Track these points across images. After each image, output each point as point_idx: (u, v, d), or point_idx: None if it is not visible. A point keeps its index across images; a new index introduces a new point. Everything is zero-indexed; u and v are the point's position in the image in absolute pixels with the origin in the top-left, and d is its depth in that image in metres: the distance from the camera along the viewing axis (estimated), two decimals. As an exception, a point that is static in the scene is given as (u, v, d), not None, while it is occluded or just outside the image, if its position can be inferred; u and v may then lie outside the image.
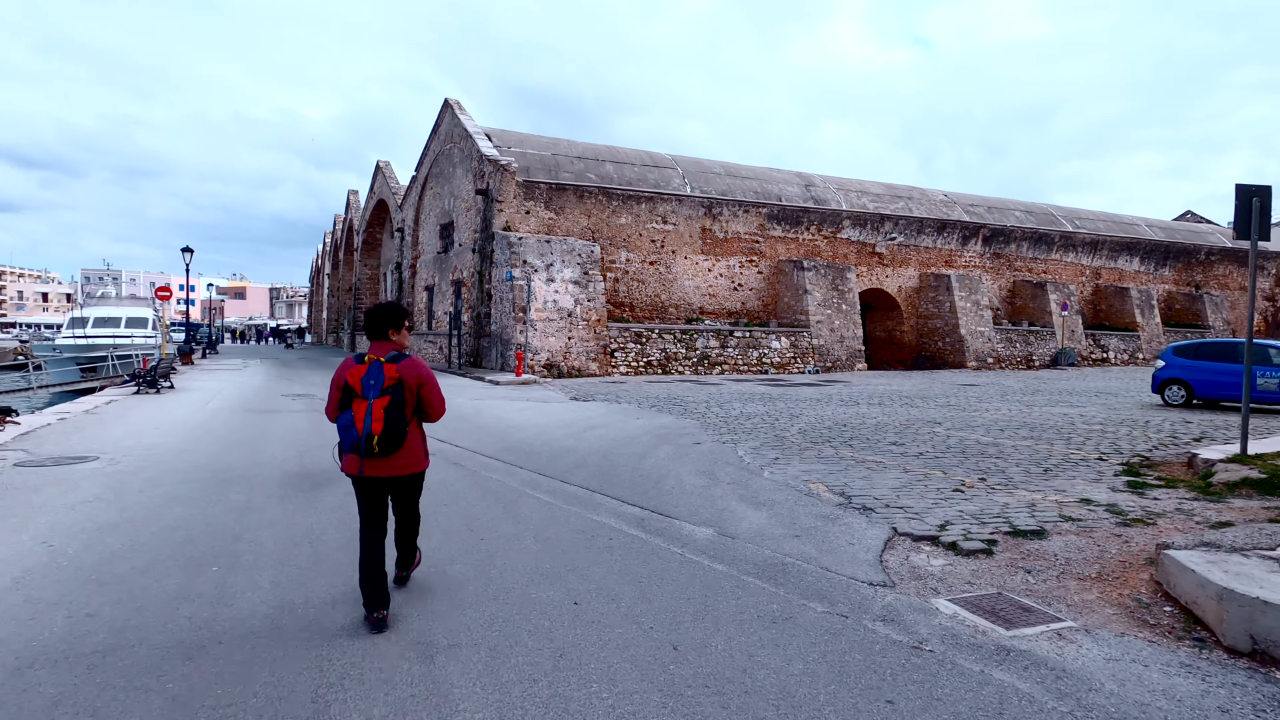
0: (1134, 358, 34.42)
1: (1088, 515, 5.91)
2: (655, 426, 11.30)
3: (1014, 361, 30.81)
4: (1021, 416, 12.98)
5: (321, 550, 4.93)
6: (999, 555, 4.95)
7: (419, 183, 32.58)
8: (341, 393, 3.70)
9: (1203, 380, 15.03)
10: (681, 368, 23.97)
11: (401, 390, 3.70)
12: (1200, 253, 40.51)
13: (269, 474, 7.42)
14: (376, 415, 3.60)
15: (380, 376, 3.66)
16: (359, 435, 3.60)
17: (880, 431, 10.84)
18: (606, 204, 25.28)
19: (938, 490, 6.87)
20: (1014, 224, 34.15)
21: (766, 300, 28.01)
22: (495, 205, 23.53)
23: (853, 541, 5.24)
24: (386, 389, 3.65)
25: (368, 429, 3.59)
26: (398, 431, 3.65)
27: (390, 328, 3.88)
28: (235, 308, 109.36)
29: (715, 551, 4.98)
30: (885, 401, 15.58)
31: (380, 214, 42.04)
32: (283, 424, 11.20)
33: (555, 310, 22.29)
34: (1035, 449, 9.30)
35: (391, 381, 3.68)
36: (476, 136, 25.53)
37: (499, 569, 4.61)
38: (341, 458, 3.77)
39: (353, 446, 3.63)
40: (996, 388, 19.90)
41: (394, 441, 3.64)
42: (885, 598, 4.15)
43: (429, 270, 31.87)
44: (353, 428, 3.61)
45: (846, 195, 30.58)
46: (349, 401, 3.67)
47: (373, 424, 3.59)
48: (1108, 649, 3.54)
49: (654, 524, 5.69)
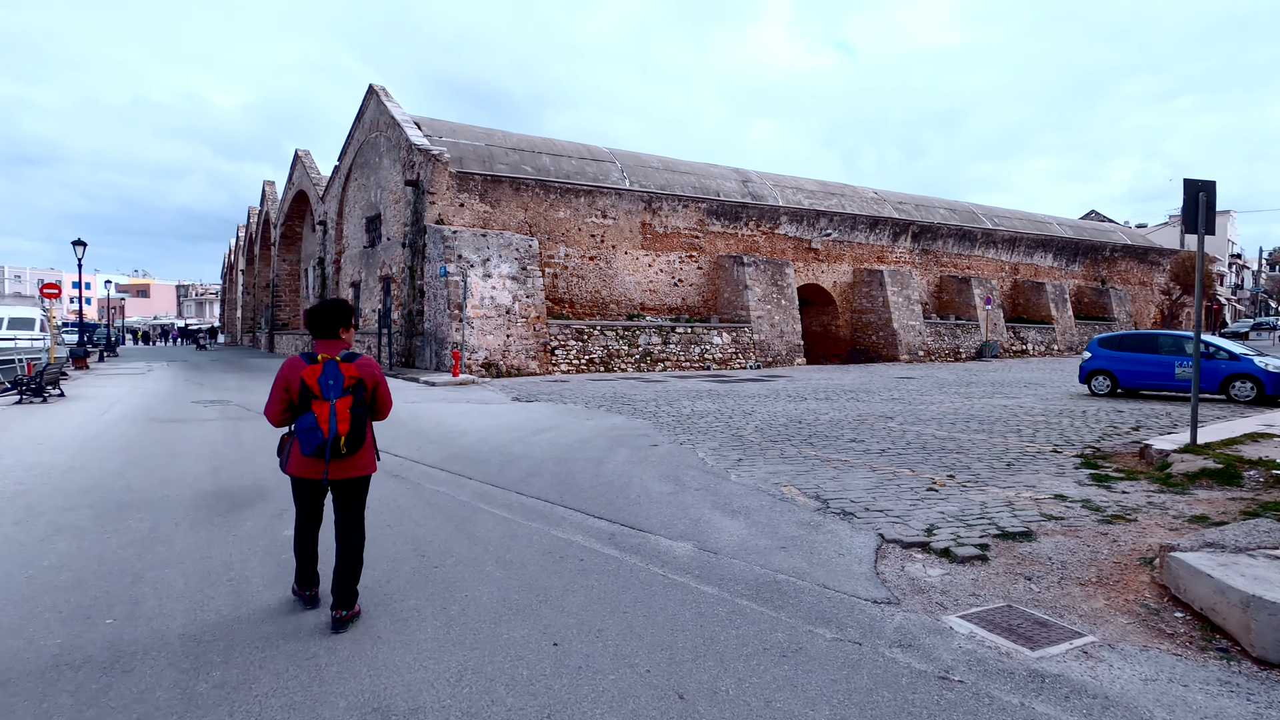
0: (1050, 349, 36.23)
1: (1067, 513, 5.79)
2: (608, 428, 10.79)
3: (943, 354, 31.85)
4: (966, 409, 13.16)
5: (245, 591, 4.20)
6: (995, 561, 4.71)
7: (342, 173, 30.85)
8: (299, 394, 3.55)
9: (1126, 370, 15.70)
10: (624, 365, 23.52)
11: (362, 389, 3.63)
12: (1105, 249, 43.09)
13: (178, 495, 6.51)
14: (342, 415, 3.52)
15: (339, 376, 3.56)
16: (325, 438, 3.50)
17: (836, 428, 10.70)
18: (544, 197, 24.52)
19: (911, 490, 6.66)
20: (940, 221, 35.32)
21: (707, 296, 27.90)
22: (427, 197, 22.41)
23: (842, 551, 4.90)
24: (348, 388, 3.57)
25: (334, 430, 3.50)
26: (361, 431, 3.60)
27: (340, 325, 3.76)
28: (138, 307, 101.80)
29: (700, 570, 4.54)
30: (832, 396, 15.59)
31: (300, 206, 39.71)
32: (194, 435, 10.09)
33: (493, 307, 21.43)
34: (991, 443, 9.31)
35: (352, 381, 3.59)
36: (405, 125, 24.27)
37: (460, 603, 4.02)
38: (287, 459, 3.69)
39: (317, 449, 3.51)
40: (932, 380, 20.35)
41: (358, 441, 3.59)
42: (895, 618, 3.81)
43: (355, 266, 30.24)
44: (317, 430, 3.49)
45: (782, 191, 30.83)
46: (307, 403, 3.54)
47: (339, 424, 3.51)
48: (1139, 667, 3.29)
49: (627, 540, 5.20)
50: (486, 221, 23.43)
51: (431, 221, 22.35)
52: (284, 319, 42.42)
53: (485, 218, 23.45)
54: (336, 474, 3.63)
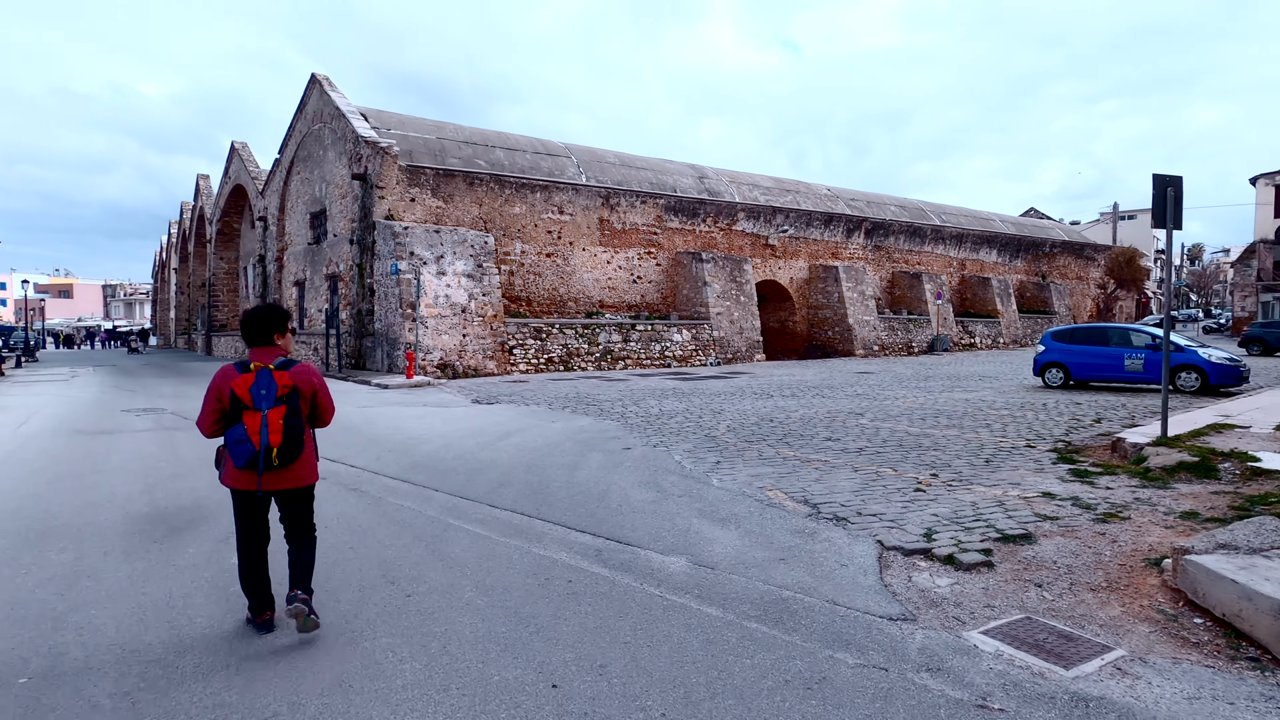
0: (996, 342, 37.32)
1: (1059, 512, 5.69)
2: (575, 430, 10.39)
3: (896, 349, 32.41)
4: (931, 404, 13.23)
5: (189, 634, 3.69)
6: (1001, 568, 4.53)
7: (284, 167, 29.45)
8: (230, 405, 3.45)
9: (1078, 363, 16.10)
10: (584, 364, 23.09)
11: (297, 398, 3.52)
12: (1045, 245, 44.65)
13: (106, 520, 5.85)
14: (274, 426, 3.42)
15: (273, 385, 3.46)
16: (256, 449, 3.40)
17: (809, 426, 10.55)
18: (499, 192, 23.84)
19: (899, 491, 6.50)
20: (891, 218, 35.94)
21: (666, 293, 27.66)
22: (376, 192, 21.50)
23: (844, 562, 4.65)
24: (281, 398, 3.46)
25: (265, 441, 3.40)
26: (295, 441, 3.49)
27: (275, 332, 3.64)
28: (60, 308, 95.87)
29: (699, 589, 4.22)
30: (797, 393, 15.52)
31: (237, 201, 37.83)
32: (124, 448, 9.27)
33: (448, 306, 20.70)
34: (965, 439, 9.28)
35: (286, 390, 3.48)
36: (350, 116, 23.25)
37: (440, 638, 3.60)
38: (223, 472, 3.56)
39: (249, 462, 3.41)
40: (890, 374, 20.57)
41: (292, 452, 3.48)
42: (915, 637, 3.56)
43: (299, 263, 28.92)
44: (248, 442, 3.39)
45: (739, 188, 30.83)
46: (238, 414, 3.43)
47: (270, 435, 3.40)
48: (1178, 683, 3.11)
49: (615, 556, 4.84)
50: (439, 217, 22.64)
51: (381, 217, 21.45)
52: (222, 320, 40.41)
53: (438, 213, 22.66)
54: (272, 485, 3.53)
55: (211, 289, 40.66)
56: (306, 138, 27.30)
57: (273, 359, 3.56)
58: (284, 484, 3.57)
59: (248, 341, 3.63)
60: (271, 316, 3.63)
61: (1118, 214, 57.37)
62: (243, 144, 36.11)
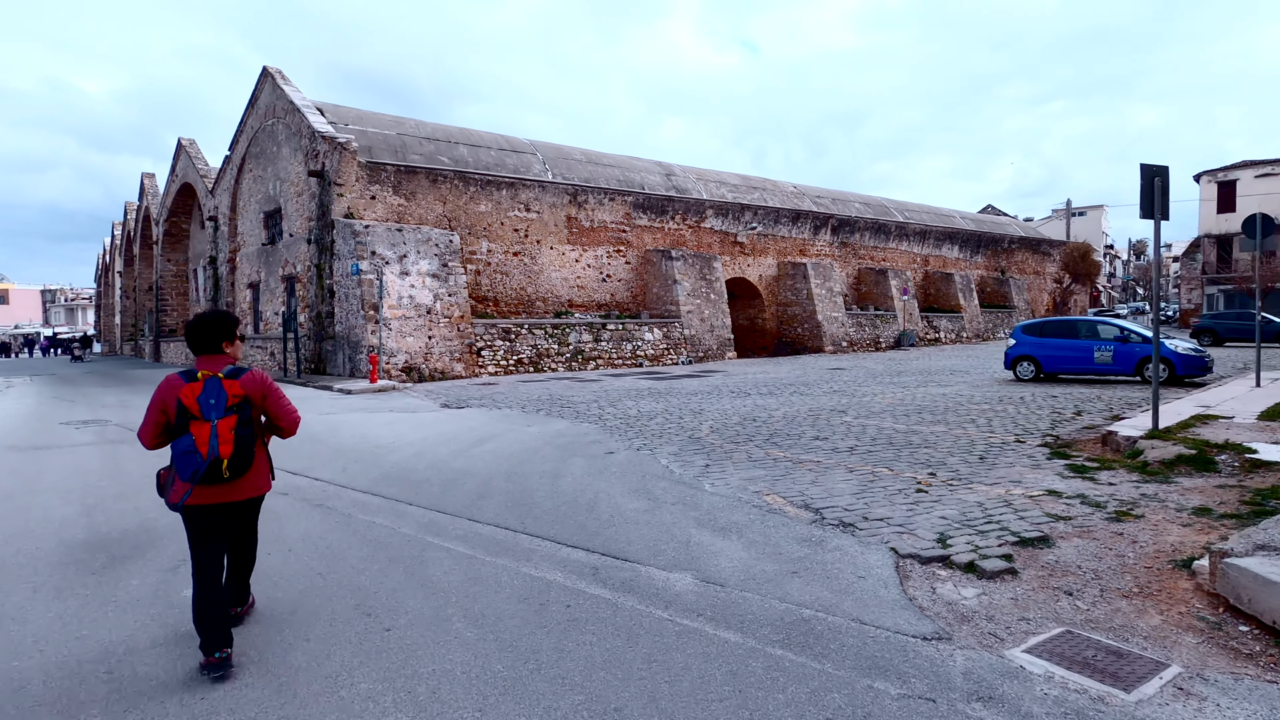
0: (960, 336, 37.89)
1: (1070, 511, 5.49)
2: (552, 435, 9.96)
3: (864, 344, 32.61)
4: (910, 399, 13.13)
5: (131, 689, 3.18)
6: (1025, 574, 4.28)
7: (235, 164, 28.23)
8: (177, 416, 3.29)
9: (1049, 356, 16.24)
10: (554, 364, 22.58)
11: (248, 408, 3.41)
12: (1004, 241, 45.57)
13: (37, 548, 5.23)
14: (224, 437, 3.27)
15: (222, 394, 3.32)
16: (204, 460, 3.23)
17: (793, 425, 10.29)
18: (464, 190, 23.17)
19: (900, 493, 6.24)
20: (856, 215, 36.19)
21: (636, 291, 27.30)
22: (334, 189, 20.64)
23: (861, 573, 4.34)
24: (232, 407, 3.33)
25: (214, 453, 3.25)
26: (247, 452, 3.36)
27: (223, 339, 3.52)
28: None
29: (712, 611, 3.86)
30: (774, 390, 15.31)
31: (186, 200, 36.23)
32: (62, 466, 8.51)
33: (412, 307, 19.98)
34: (953, 435, 9.13)
35: (236, 399, 3.35)
36: (306, 110, 22.32)
37: (427, 681, 3.16)
38: (169, 489, 3.36)
39: (195, 474, 3.23)
40: (863, 370, 20.56)
41: (244, 463, 3.36)
42: (956, 660, 3.26)
43: (252, 265, 27.74)
44: (196, 453, 3.23)
45: (706, 185, 30.64)
46: (185, 425, 3.27)
47: (220, 447, 3.26)
48: (1247, 704, 2.86)
49: (614, 574, 4.45)
50: (402, 215, 21.88)
51: (340, 215, 20.62)
52: (171, 325, 38.68)
53: (400, 211, 21.90)
54: (221, 497, 3.38)
55: (159, 293, 38.89)
56: (259, 133, 26.19)
57: (221, 367, 3.42)
58: (234, 496, 3.42)
59: (194, 349, 3.49)
60: (220, 323, 3.52)
61: (1070, 210, 58.99)
62: (190, 141, 34.58)
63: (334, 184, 20.62)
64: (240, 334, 3.66)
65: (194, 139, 34.70)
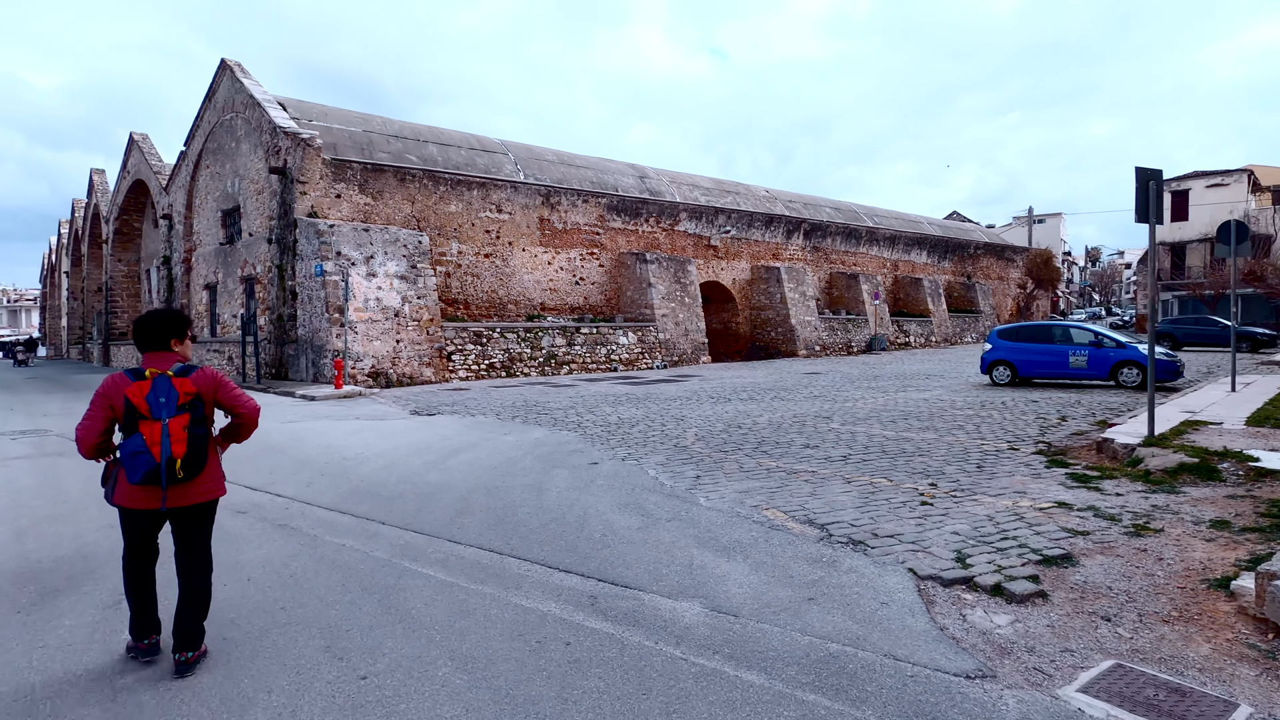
0: (929, 341, 38.32)
1: (1084, 525, 5.26)
2: (532, 444, 9.51)
3: (836, 348, 32.70)
4: (891, 404, 12.98)
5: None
6: (1056, 598, 4.00)
7: (191, 160, 27.07)
8: (125, 415, 3.17)
9: (1025, 361, 16.30)
10: (527, 369, 22.05)
11: (202, 406, 3.30)
12: (970, 247, 46.33)
13: (-41, 580, 4.62)
14: (177, 436, 3.15)
15: (173, 392, 3.20)
16: (157, 461, 3.12)
17: (781, 432, 10.01)
18: (433, 189, 22.52)
19: (904, 505, 5.96)
20: (828, 219, 36.35)
21: (610, 294, 26.90)
22: (297, 187, 19.83)
23: (883, 599, 4.02)
24: (184, 406, 3.21)
25: (168, 453, 3.13)
26: (201, 452, 3.26)
27: (173, 337, 3.40)
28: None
29: (729, 647, 3.49)
30: (754, 396, 15.05)
31: (138, 198, 34.72)
32: (-6, 481, 7.78)
33: (379, 309, 19.27)
34: (945, 442, 8.93)
35: (189, 397, 3.23)
36: (267, 105, 21.44)
37: (413, 743, 2.73)
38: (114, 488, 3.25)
39: (148, 476, 3.13)
40: (838, 375, 20.48)
41: (198, 464, 3.25)
42: (1008, 703, 2.94)
43: (209, 265, 26.61)
44: (147, 453, 3.12)
45: (679, 188, 30.41)
46: (134, 424, 3.16)
47: (174, 446, 3.15)
48: (1334, 750, 2.59)
49: (614, 603, 4.05)
50: (368, 215, 21.15)
51: (303, 214, 19.81)
52: (121, 327, 37.01)
53: (367, 211, 21.16)
54: (175, 502, 3.25)
55: (109, 294, 37.19)
56: (216, 128, 25.15)
57: (170, 365, 3.30)
58: (188, 499, 3.29)
59: (141, 347, 3.37)
60: (169, 320, 3.41)
61: (1032, 218, 60.37)
62: (143, 136, 33.15)
63: (297, 181, 19.81)
64: (192, 333, 3.55)
65: (147, 134, 33.28)
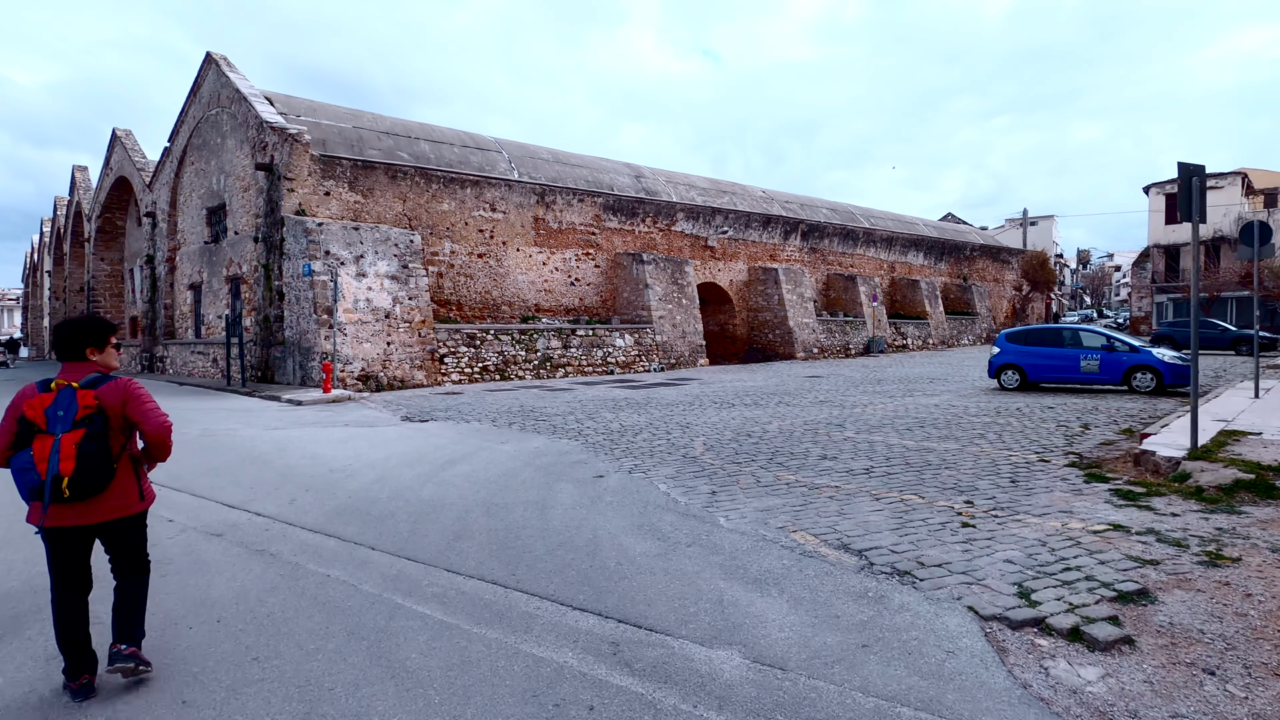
0: (927, 343, 38.00)
1: (1150, 552, 4.78)
2: (531, 454, 8.97)
3: (834, 351, 32.30)
4: (901, 410, 12.52)
5: None
6: (1144, 645, 3.51)
7: (175, 156, 26.33)
8: (19, 429, 3.03)
9: (1034, 365, 15.89)
10: (522, 372, 21.48)
11: (103, 421, 3.10)
12: (966, 249, 46.11)
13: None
14: (66, 453, 2.97)
15: (73, 405, 3.05)
16: (41, 479, 2.96)
17: (793, 442, 9.51)
18: (425, 187, 21.92)
19: (944, 527, 5.47)
20: (824, 220, 35.96)
21: (606, 296, 26.37)
22: (284, 184, 19.19)
23: (948, 647, 3.51)
24: (81, 420, 3.05)
25: (54, 470, 2.96)
26: (96, 471, 3.04)
27: (89, 345, 3.26)
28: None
29: (781, 714, 2.96)
30: (758, 401, 14.56)
31: (121, 195, 33.88)
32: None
33: (369, 310, 18.66)
34: (969, 453, 8.46)
35: (88, 410, 3.07)
36: (253, 99, 20.79)
37: None
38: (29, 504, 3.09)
39: (33, 492, 2.99)
40: (840, 378, 20.04)
41: (93, 483, 3.04)
42: (1132, 792, 2.43)
43: (194, 264, 25.88)
44: (32, 470, 2.96)
45: (675, 188, 29.92)
46: (28, 439, 3.01)
47: (61, 463, 2.96)
48: None
49: (640, 652, 3.53)
50: (358, 213, 20.53)
51: (291, 212, 19.17)
52: (104, 328, 36.13)
53: (356, 209, 20.54)
54: (67, 520, 3.09)
55: (91, 294, 36.30)
56: (202, 124, 24.44)
57: (81, 375, 3.16)
58: (90, 518, 3.13)
59: (58, 356, 3.20)
60: (85, 328, 3.24)
61: (1026, 220, 60.31)
62: (126, 132, 32.33)
63: (284, 178, 19.17)
64: (114, 341, 3.36)
65: (130, 130, 32.46)
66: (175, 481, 7.59)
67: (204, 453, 9.45)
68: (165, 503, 6.73)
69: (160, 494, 7.09)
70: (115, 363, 3.33)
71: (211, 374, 23.28)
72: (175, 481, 7.59)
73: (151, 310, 28.74)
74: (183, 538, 5.61)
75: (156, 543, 5.44)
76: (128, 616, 3.31)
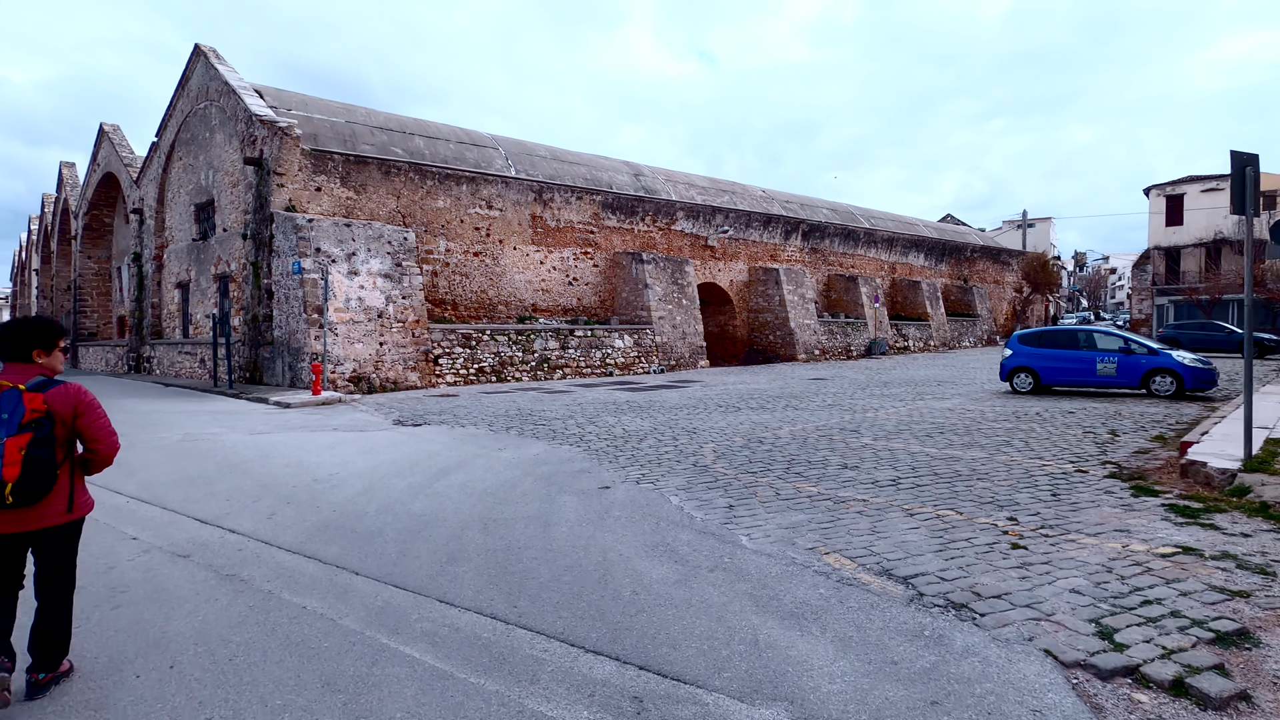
0: (928, 345, 37.56)
1: (1233, 580, 4.26)
2: (530, 461, 8.41)
3: (836, 352, 31.81)
4: (917, 415, 12.00)
5: None
6: (1262, 700, 2.98)
7: (163, 151, 25.67)
8: None
9: (1049, 368, 15.41)
10: (519, 373, 20.90)
11: (50, 426, 3.02)
12: (966, 250, 45.72)
13: None
14: (11, 458, 2.89)
15: (19, 408, 2.96)
16: None
17: (808, 449, 8.98)
18: (420, 184, 21.33)
19: (991, 549, 4.94)
20: (825, 220, 35.49)
21: (604, 295, 25.81)
22: (274, 179, 18.58)
23: (1033, 705, 2.97)
24: (28, 424, 2.95)
25: None
26: (40, 476, 2.96)
27: (35, 348, 3.13)
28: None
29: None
30: (764, 404, 14.03)
31: (109, 192, 33.16)
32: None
33: (361, 310, 18.06)
34: (998, 462, 7.93)
35: (36, 414, 2.98)
36: (242, 92, 20.17)
37: None
38: None
39: None
40: (845, 380, 19.54)
41: (36, 489, 2.95)
42: None
43: (182, 262, 25.22)
44: None
45: (675, 187, 29.39)
46: None
47: (5, 469, 2.88)
48: None
49: (668, 710, 2.97)
50: (350, 209, 19.93)
51: (280, 208, 18.56)
52: (91, 327, 35.42)
53: (349, 205, 19.94)
54: (15, 526, 3.00)
55: (78, 292, 35.55)
56: (190, 118, 23.80)
57: (27, 378, 3.06)
58: (25, 525, 3.03)
59: (3, 357, 3.14)
60: (33, 329, 3.15)
61: (1026, 221, 60.02)
62: (114, 126, 31.64)
63: (274, 173, 18.56)
64: (63, 344, 3.23)
65: (118, 125, 31.78)
66: (146, 493, 7.01)
67: (182, 459, 8.86)
68: (132, 517, 6.16)
69: (128, 507, 6.53)
70: (61, 367, 3.25)
71: (199, 375, 22.63)
72: (146, 493, 7.01)
73: (139, 309, 28.05)
74: (145, 559, 5.03)
75: (114, 565, 4.87)
76: (50, 642, 3.13)
